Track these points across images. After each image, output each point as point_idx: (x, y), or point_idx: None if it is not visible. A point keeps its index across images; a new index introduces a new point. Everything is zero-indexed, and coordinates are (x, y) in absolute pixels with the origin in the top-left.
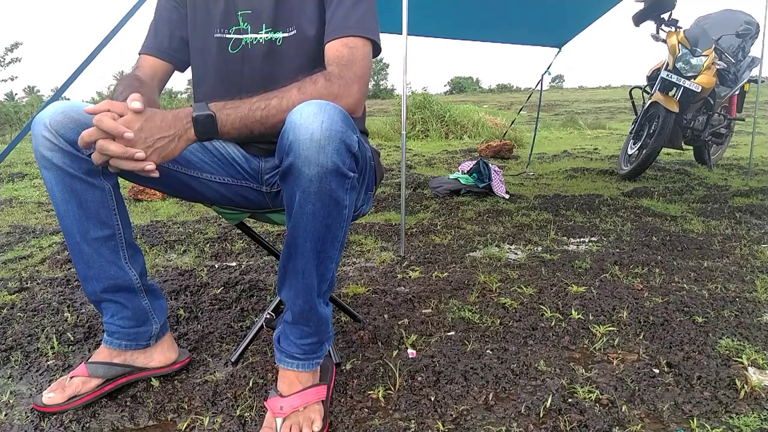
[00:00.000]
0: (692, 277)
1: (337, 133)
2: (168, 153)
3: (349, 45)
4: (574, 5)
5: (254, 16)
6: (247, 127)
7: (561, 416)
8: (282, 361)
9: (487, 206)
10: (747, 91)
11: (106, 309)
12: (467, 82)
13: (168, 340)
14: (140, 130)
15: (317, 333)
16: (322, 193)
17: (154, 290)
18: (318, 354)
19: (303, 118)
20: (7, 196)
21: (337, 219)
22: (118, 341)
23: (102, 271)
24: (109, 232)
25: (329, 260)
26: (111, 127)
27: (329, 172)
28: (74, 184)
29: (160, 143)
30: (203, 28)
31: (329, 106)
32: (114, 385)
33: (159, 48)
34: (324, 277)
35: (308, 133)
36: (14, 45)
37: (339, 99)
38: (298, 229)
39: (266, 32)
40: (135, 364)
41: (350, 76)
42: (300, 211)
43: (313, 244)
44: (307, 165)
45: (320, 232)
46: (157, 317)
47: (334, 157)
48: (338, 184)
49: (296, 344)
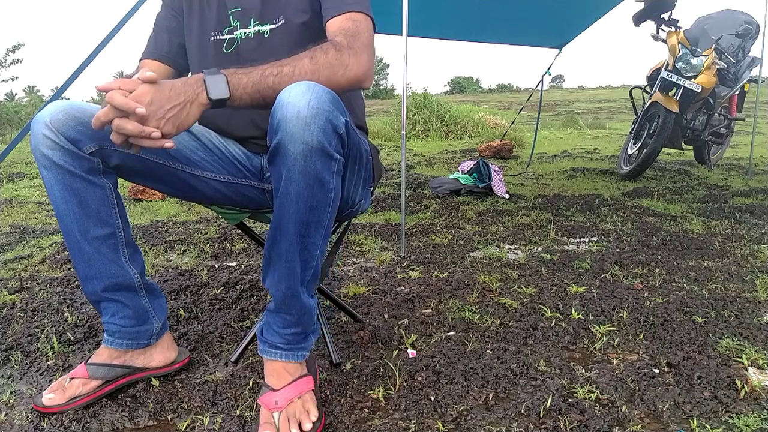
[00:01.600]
0: (692, 277)
1: (323, 112)
2: (182, 121)
3: (352, 18)
4: (575, 6)
5: (243, 12)
6: (259, 93)
7: (561, 416)
8: (265, 351)
9: (487, 206)
10: (747, 91)
11: (107, 308)
12: (467, 82)
13: (168, 339)
14: (150, 104)
15: (300, 323)
16: (307, 172)
17: (154, 289)
18: (302, 346)
19: (291, 96)
20: (7, 196)
21: (322, 202)
22: (119, 341)
23: (103, 269)
24: (110, 231)
25: (313, 246)
26: (122, 103)
27: (314, 150)
28: (74, 182)
29: (171, 113)
30: (200, 34)
31: (318, 87)
32: (114, 386)
33: (159, 53)
34: (308, 264)
35: (295, 110)
36: (16, 46)
37: (349, 68)
38: (282, 209)
39: (254, 26)
40: (135, 364)
41: (358, 46)
42: (285, 191)
43: (297, 227)
44: (292, 142)
45: (304, 214)
46: (158, 316)
47: (320, 135)
48: (323, 164)
49: (279, 333)
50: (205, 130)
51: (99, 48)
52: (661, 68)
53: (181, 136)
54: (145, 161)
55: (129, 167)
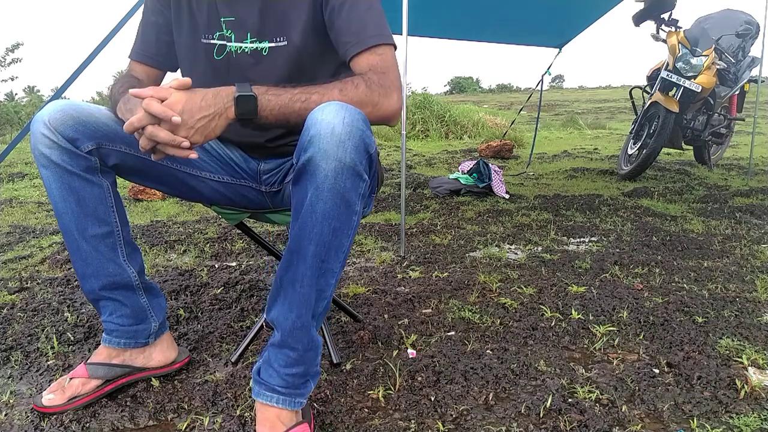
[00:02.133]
0: (692, 277)
1: (357, 131)
2: (210, 132)
3: (378, 53)
4: (575, 6)
5: (238, 23)
6: (284, 116)
7: (561, 416)
8: (260, 395)
9: (487, 206)
10: (747, 91)
11: (105, 307)
12: (467, 82)
13: (167, 338)
14: (182, 113)
15: (303, 361)
16: (336, 191)
17: (153, 288)
18: (301, 392)
19: (325, 114)
20: (7, 196)
21: (345, 224)
22: (117, 339)
23: (100, 268)
24: (108, 230)
25: (331, 274)
26: (159, 111)
27: (346, 168)
28: (72, 181)
29: (201, 123)
30: (190, 33)
31: (350, 107)
32: (114, 386)
33: (146, 54)
34: (322, 294)
35: (330, 127)
36: (15, 45)
37: (378, 106)
38: (304, 230)
39: (251, 42)
40: (134, 364)
41: (388, 84)
42: (310, 210)
43: (317, 248)
44: (325, 159)
45: (327, 235)
46: (156, 315)
47: (353, 153)
48: (353, 184)
49: (279, 374)
50: None
51: (99, 48)
52: (661, 68)
53: None
54: (143, 161)
55: (127, 167)
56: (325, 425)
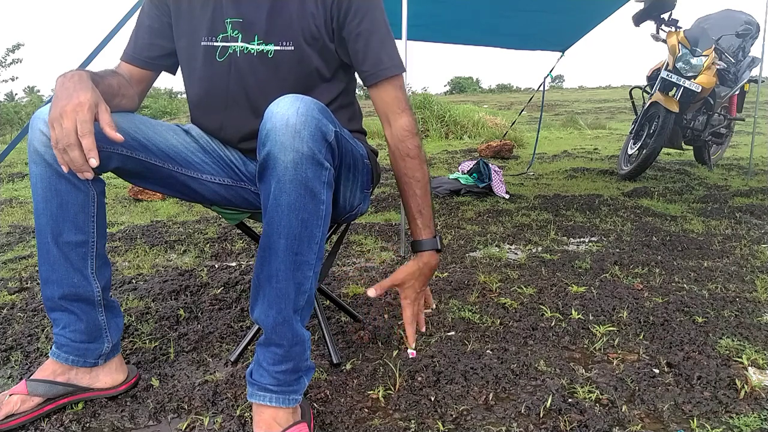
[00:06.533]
0: (692, 277)
1: (313, 119)
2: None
3: (395, 85)
4: (578, 12)
5: (246, 25)
6: (430, 205)
7: (561, 416)
8: (254, 395)
9: (487, 206)
10: (747, 91)
11: (59, 319)
12: (467, 82)
13: (117, 361)
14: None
15: (291, 357)
16: (298, 182)
17: (114, 308)
18: (294, 388)
19: (279, 107)
20: (7, 196)
21: (313, 214)
22: (66, 355)
23: (65, 276)
24: (83, 239)
25: (306, 266)
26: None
27: (305, 158)
28: (59, 184)
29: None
30: (191, 36)
31: (305, 98)
32: (55, 405)
33: (136, 56)
34: (301, 287)
35: (284, 119)
36: (16, 46)
37: (418, 134)
38: (272, 225)
39: (258, 44)
40: (79, 383)
41: (408, 109)
42: (275, 204)
43: (288, 242)
44: (282, 151)
45: (296, 227)
46: (111, 336)
47: (310, 142)
48: (314, 173)
49: (269, 372)
50: (205, 133)
51: (99, 48)
52: (661, 68)
53: (181, 137)
54: (144, 164)
55: (128, 170)
56: (325, 425)
